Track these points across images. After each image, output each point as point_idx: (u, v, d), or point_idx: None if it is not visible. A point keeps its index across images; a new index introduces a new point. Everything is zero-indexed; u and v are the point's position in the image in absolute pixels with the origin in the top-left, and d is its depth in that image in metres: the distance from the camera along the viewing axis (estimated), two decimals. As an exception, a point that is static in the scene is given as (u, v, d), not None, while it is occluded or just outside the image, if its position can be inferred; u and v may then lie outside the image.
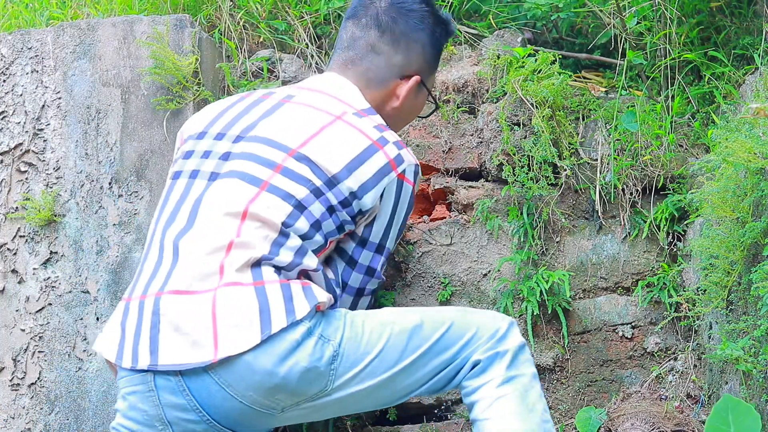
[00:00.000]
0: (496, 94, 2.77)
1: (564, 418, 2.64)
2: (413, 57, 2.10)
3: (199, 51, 2.59)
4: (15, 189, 2.61)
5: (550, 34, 3.05)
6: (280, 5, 2.95)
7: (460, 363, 1.81)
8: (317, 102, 1.96)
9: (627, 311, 2.67)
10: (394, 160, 1.90)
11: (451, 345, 1.80)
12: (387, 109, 2.09)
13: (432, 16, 2.15)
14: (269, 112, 1.94)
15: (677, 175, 2.63)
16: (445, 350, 1.80)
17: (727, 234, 2.15)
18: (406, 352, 1.76)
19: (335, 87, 2.03)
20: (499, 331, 1.83)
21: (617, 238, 2.68)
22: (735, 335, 2.17)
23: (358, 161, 1.86)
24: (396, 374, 1.77)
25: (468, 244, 2.70)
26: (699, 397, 2.54)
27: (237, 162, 1.86)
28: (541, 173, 2.62)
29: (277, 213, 1.78)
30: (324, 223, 1.83)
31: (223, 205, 1.79)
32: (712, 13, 2.78)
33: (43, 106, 2.61)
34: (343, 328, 1.75)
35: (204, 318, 1.67)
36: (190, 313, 1.69)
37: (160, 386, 1.70)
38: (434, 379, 1.81)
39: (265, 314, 1.68)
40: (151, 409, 1.72)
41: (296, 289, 1.73)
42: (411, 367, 1.78)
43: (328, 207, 1.83)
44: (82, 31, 2.63)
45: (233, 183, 1.82)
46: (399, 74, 2.09)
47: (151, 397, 1.72)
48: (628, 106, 2.67)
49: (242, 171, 1.84)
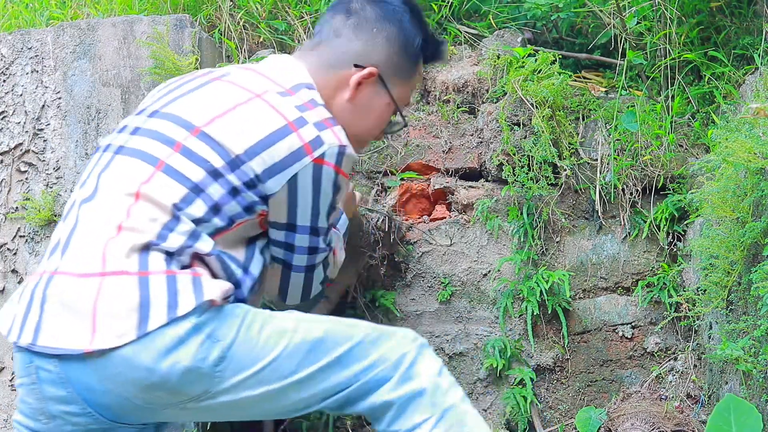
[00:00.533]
0: (496, 94, 2.77)
1: (564, 418, 2.64)
2: (375, 48, 1.96)
3: (199, 51, 2.59)
4: (15, 189, 2.61)
5: (550, 34, 3.05)
6: (280, 5, 2.95)
7: (361, 388, 1.70)
8: (245, 80, 1.85)
9: (627, 311, 2.67)
10: (310, 143, 1.76)
11: (351, 365, 1.69)
12: (338, 101, 1.95)
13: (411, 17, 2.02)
14: (195, 89, 1.86)
15: (677, 175, 2.63)
16: (344, 369, 1.69)
17: (727, 234, 2.15)
18: (302, 365, 1.66)
19: (276, 67, 1.91)
20: (405, 358, 1.71)
21: (617, 238, 2.68)
22: (735, 335, 2.17)
23: (265, 143, 1.74)
24: (289, 386, 1.67)
25: (468, 244, 2.70)
26: (699, 397, 2.54)
27: (139, 138, 1.79)
28: (541, 173, 2.62)
29: (169, 195, 1.70)
30: (226, 206, 1.73)
31: (118, 183, 1.73)
32: (712, 13, 2.78)
33: (43, 106, 2.61)
34: (237, 329, 1.64)
35: (87, 305, 1.61)
36: (76, 296, 1.62)
37: (42, 378, 1.64)
38: (333, 398, 1.71)
39: (144, 308, 1.59)
40: (35, 402, 1.68)
41: (184, 281, 1.64)
42: (306, 381, 1.68)
43: (230, 189, 1.73)
44: (82, 31, 2.63)
45: (130, 162, 1.75)
46: (354, 61, 1.95)
47: (35, 390, 1.66)
48: (628, 106, 2.67)
49: (141, 149, 1.76)
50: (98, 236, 1.67)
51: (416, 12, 2.05)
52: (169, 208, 1.69)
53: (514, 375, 2.63)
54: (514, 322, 2.66)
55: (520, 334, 2.65)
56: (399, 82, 2.00)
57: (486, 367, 2.62)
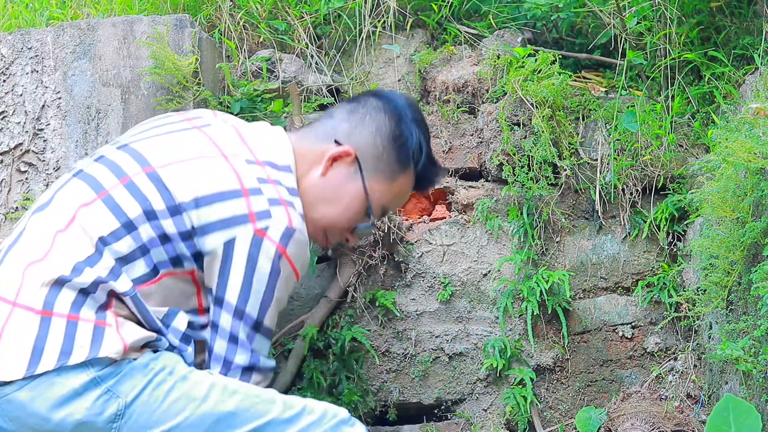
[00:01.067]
0: (496, 94, 2.77)
1: (564, 418, 2.64)
2: (361, 131, 1.87)
3: (199, 51, 2.59)
4: (15, 189, 2.61)
5: (550, 34, 3.05)
6: (280, 5, 2.95)
7: None
8: (221, 137, 1.79)
9: (627, 311, 2.67)
10: (257, 213, 1.67)
11: None
12: (311, 176, 1.85)
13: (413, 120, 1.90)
14: (170, 132, 1.82)
15: (677, 175, 2.63)
16: None
17: (727, 234, 2.15)
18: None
19: (259, 136, 1.84)
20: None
21: (617, 238, 2.68)
22: (735, 335, 2.16)
23: (211, 198, 1.68)
24: None
25: (468, 244, 2.70)
26: (699, 397, 2.54)
27: (98, 166, 1.77)
28: (541, 173, 2.62)
29: (99, 226, 1.66)
30: (153, 249, 1.68)
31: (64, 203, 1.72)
32: (712, 13, 2.77)
33: (43, 106, 2.61)
34: (143, 387, 1.60)
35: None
36: None
37: None
38: None
39: (38, 350, 1.56)
40: None
41: (84, 330, 1.58)
42: None
43: (161, 234, 1.68)
44: (82, 31, 2.63)
45: (80, 185, 1.74)
46: (336, 138, 1.87)
47: None
48: (628, 106, 2.67)
49: (93, 175, 1.74)
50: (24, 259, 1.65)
51: (421, 122, 1.94)
52: (95, 241, 1.65)
53: (514, 375, 2.63)
54: (514, 322, 2.66)
55: (520, 334, 2.65)
56: (378, 178, 1.88)
57: (486, 367, 2.62)
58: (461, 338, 2.66)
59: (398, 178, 1.91)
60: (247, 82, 2.72)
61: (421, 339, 2.67)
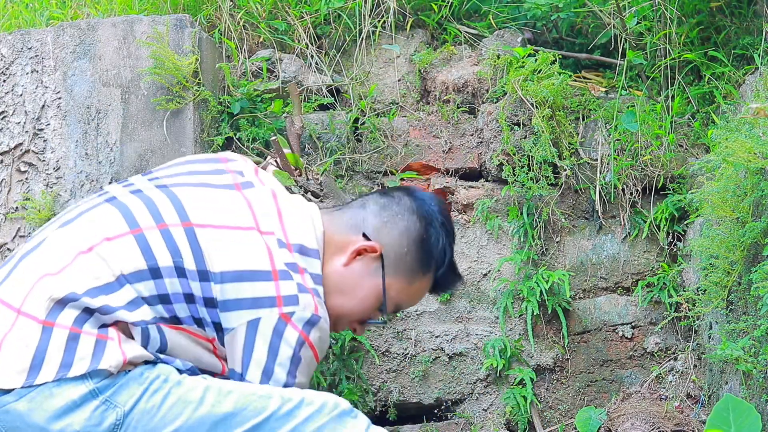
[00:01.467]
0: (496, 94, 2.77)
1: (564, 418, 2.64)
2: (390, 230, 1.86)
3: (199, 51, 2.59)
4: (15, 189, 2.61)
5: (550, 34, 3.05)
6: (280, 5, 2.95)
7: None
8: (260, 208, 1.78)
9: (627, 311, 2.67)
10: (284, 297, 1.67)
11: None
12: (334, 263, 1.84)
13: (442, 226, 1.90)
14: (212, 185, 1.80)
15: (677, 175, 2.63)
16: None
17: (727, 234, 2.15)
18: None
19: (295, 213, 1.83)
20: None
21: (617, 238, 2.68)
22: (735, 335, 2.16)
23: (242, 275, 1.68)
24: None
25: (468, 244, 2.70)
26: (699, 397, 2.54)
27: (134, 199, 1.75)
28: (541, 173, 2.62)
29: (124, 262, 1.65)
30: (176, 304, 1.67)
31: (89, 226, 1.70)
32: (712, 13, 2.78)
33: (43, 106, 2.61)
34: (140, 396, 1.60)
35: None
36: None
37: None
38: None
39: (38, 361, 1.56)
40: None
41: (85, 343, 1.59)
42: None
43: (187, 293, 1.67)
44: (82, 31, 2.63)
45: (113, 212, 1.72)
46: (365, 231, 1.86)
47: None
48: (628, 106, 2.67)
49: (129, 207, 1.72)
50: (40, 269, 1.65)
51: (450, 229, 1.94)
52: (117, 273, 1.64)
53: (514, 375, 2.63)
54: (514, 322, 2.66)
55: (520, 334, 2.65)
56: (398, 277, 1.87)
57: (486, 367, 2.62)
58: (461, 338, 2.66)
59: (417, 280, 1.91)
60: (247, 82, 2.72)
61: (421, 339, 2.67)
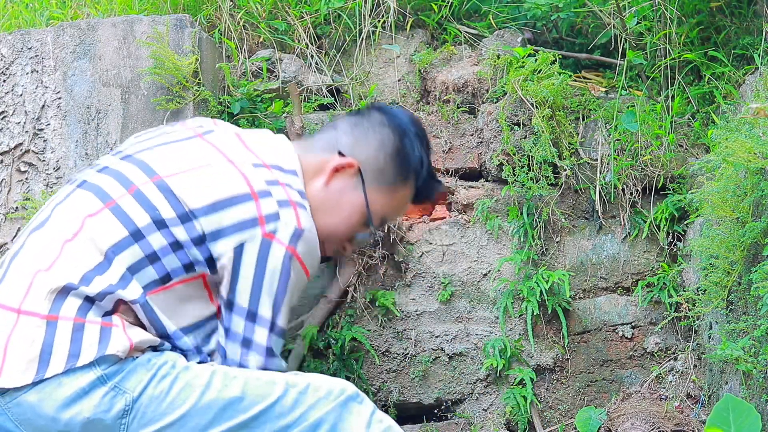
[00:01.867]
0: (496, 94, 2.77)
1: (564, 418, 2.64)
2: (365, 144, 1.90)
3: (199, 51, 2.59)
4: (15, 189, 2.61)
5: (550, 34, 3.05)
6: (280, 5, 2.95)
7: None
8: (225, 144, 1.81)
9: (627, 311, 2.67)
10: (265, 216, 1.69)
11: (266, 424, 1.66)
12: (315, 185, 1.87)
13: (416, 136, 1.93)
14: (174, 141, 1.83)
15: (677, 175, 2.63)
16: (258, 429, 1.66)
17: (727, 234, 2.15)
18: (214, 423, 1.63)
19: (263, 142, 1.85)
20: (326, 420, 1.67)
21: (617, 238, 2.68)
22: (735, 335, 2.17)
23: (222, 204, 1.69)
24: None
25: (468, 244, 2.70)
26: (699, 397, 2.54)
27: (102, 176, 1.77)
28: (541, 173, 2.62)
29: (107, 236, 1.67)
30: (165, 258, 1.69)
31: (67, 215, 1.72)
32: (712, 13, 2.78)
33: (43, 106, 2.61)
34: (147, 381, 1.62)
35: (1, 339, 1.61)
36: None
37: None
38: None
39: (45, 354, 1.58)
40: None
41: (91, 331, 1.61)
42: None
43: (173, 242, 1.69)
44: (82, 31, 2.63)
45: (85, 195, 1.74)
46: (340, 149, 1.89)
47: None
48: (628, 106, 2.67)
49: (99, 185, 1.75)
50: (31, 268, 1.66)
51: (424, 138, 1.97)
52: (104, 250, 1.66)
53: (514, 375, 2.63)
54: (514, 322, 2.66)
55: (520, 334, 2.65)
56: (380, 188, 1.91)
57: (486, 367, 2.62)
58: (461, 338, 2.66)
59: (399, 191, 1.94)
60: (247, 82, 2.72)
61: (421, 339, 2.67)
